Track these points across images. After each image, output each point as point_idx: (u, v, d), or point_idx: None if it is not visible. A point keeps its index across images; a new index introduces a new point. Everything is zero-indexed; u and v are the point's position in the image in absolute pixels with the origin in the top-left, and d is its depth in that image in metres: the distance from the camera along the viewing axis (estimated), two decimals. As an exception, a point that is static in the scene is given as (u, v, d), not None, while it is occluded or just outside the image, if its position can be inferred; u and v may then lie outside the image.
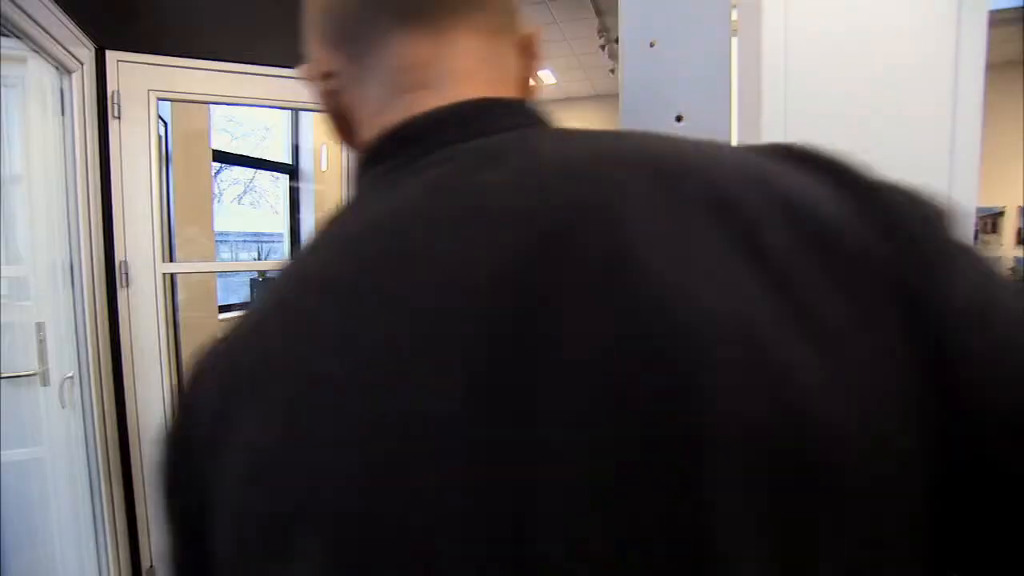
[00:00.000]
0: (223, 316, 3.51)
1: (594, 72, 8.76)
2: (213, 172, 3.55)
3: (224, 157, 3.73)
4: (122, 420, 2.04)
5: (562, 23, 7.05)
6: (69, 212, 1.91)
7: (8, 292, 1.84)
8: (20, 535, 1.74)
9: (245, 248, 4.76)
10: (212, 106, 3.16)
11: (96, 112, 2.04)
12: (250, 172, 4.39)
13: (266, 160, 3.92)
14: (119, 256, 2.05)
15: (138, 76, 2.11)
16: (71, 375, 1.85)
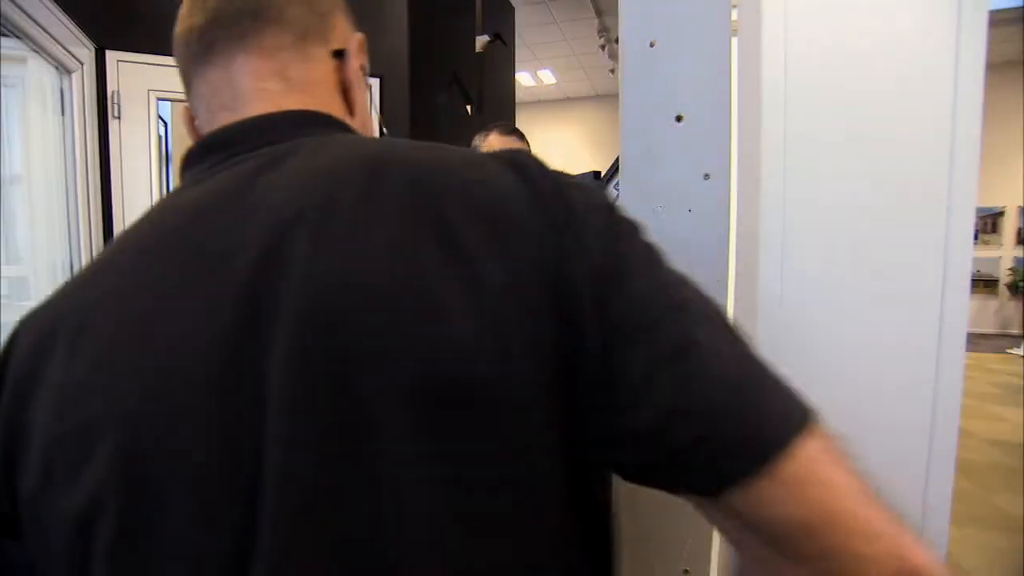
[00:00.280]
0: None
1: (594, 72, 8.78)
2: (213, 172, 3.54)
3: (224, 157, 3.72)
4: (122, 420, 2.04)
5: (562, 23, 7.05)
6: (69, 212, 1.91)
7: (8, 292, 1.84)
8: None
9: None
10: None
11: (96, 112, 2.04)
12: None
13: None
14: (119, 256, 2.05)
15: (138, 76, 2.12)
16: (71, 375, 1.85)
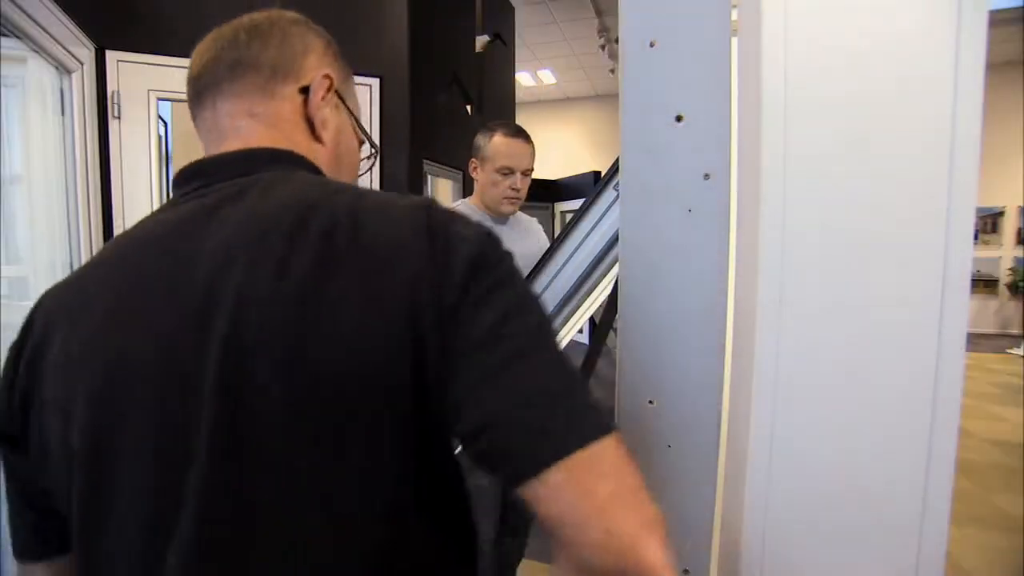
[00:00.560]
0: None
1: (594, 72, 8.77)
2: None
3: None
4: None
5: (562, 23, 7.05)
6: (69, 212, 1.91)
7: (8, 292, 1.84)
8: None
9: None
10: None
11: (96, 112, 2.04)
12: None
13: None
14: (119, 256, 2.05)
15: (138, 76, 2.12)
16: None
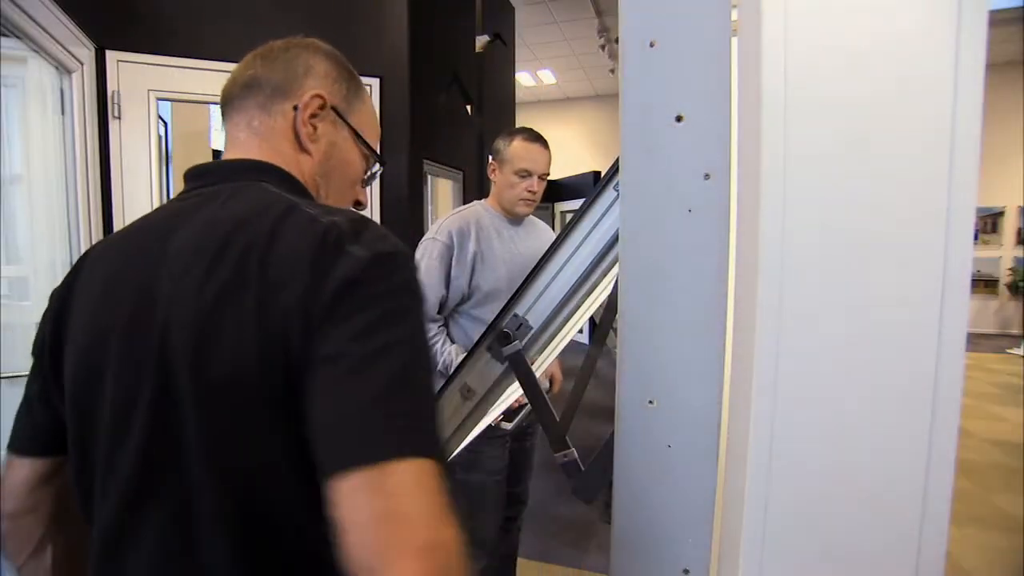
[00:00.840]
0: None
1: (594, 72, 8.78)
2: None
3: (224, 157, 3.71)
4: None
5: (562, 23, 7.05)
6: (69, 212, 1.91)
7: (8, 292, 1.84)
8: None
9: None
10: (212, 106, 3.16)
11: (96, 112, 2.04)
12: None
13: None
14: (119, 256, 2.05)
15: (138, 76, 2.12)
16: (71, 375, 1.85)
